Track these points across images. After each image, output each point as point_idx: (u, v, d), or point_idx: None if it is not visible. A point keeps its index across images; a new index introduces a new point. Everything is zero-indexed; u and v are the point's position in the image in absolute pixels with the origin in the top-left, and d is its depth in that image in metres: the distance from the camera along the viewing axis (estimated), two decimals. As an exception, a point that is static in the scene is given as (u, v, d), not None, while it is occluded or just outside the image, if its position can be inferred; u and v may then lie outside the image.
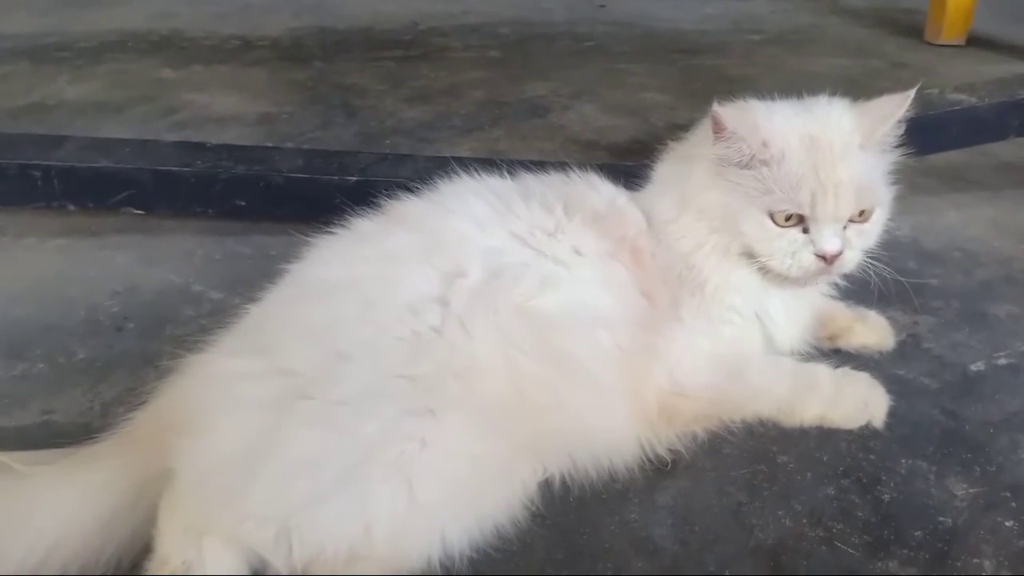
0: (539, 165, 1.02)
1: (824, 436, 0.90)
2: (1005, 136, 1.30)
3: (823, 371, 0.94)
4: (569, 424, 0.82)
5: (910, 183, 1.38)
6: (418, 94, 1.77)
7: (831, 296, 1.03)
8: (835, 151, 0.85)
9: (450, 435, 0.74)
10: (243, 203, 1.19)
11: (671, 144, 0.98)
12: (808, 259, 0.86)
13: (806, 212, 0.84)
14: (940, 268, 1.22)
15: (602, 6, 2.48)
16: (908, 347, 1.05)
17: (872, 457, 0.88)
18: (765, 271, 0.89)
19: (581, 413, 0.82)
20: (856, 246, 0.88)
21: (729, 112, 0.85)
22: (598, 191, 0.97)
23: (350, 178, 1.16)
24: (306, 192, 1.17)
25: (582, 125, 1.62)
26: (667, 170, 0.96)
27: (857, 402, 0.92)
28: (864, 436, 0.90)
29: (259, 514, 0.70)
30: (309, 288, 0.84)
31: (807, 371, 0.94)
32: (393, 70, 1.91)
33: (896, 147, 0.91)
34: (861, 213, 0.87)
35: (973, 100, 1.28)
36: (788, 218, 0.85)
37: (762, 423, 0.91)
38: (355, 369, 0.75)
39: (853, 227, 0.88)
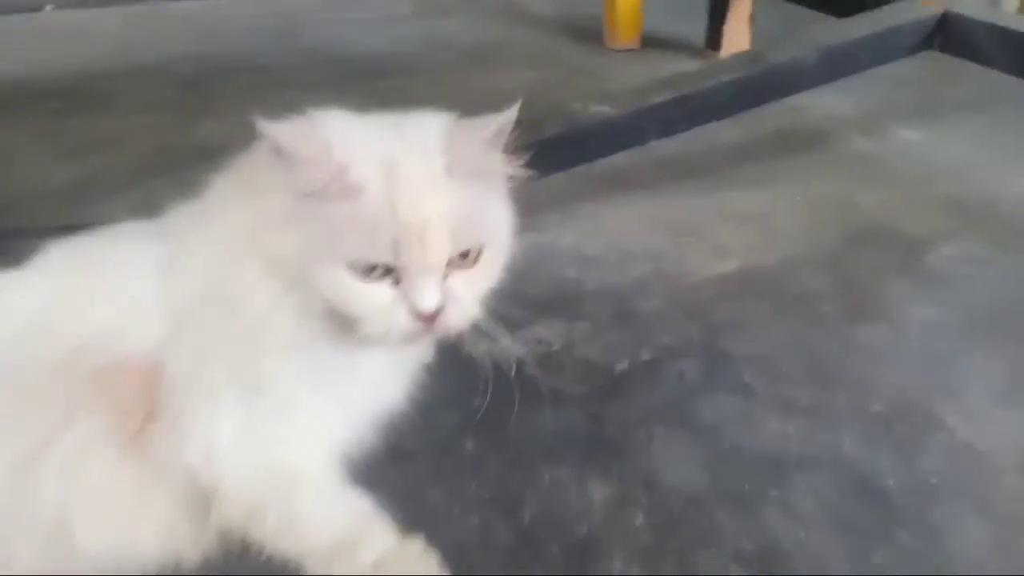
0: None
1: (475, 463, 0.90)
2: (645, 140, 1.40)
3: (378, 543, 0.74)
4: None
5: (575, 191, 1.48)
6: (74, 149, 1.62)
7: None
8: (418, 180, 0.68)
9: None
10: None
11: (225, 164, 0.76)
12: (404, 321, 0.69)
13: (390, 260, 0.67)
14: (598, 271, 1.28)
15: (290, 35, 2.42)
16: (562, 356, 1.08)
17: (518, 476, 0.89)
18: (361, 337, 0.70)
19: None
20: (463, 298, 0.71)
21: (288, 129, 0.66)
22: None
23: None
24: None
25: (259, 165, 1.55)
26: (219, 211, 0.74)
27: None
28: (511, 456, 0.92)
29: None
30: None
31: (364, 531, 0.75)
32: (48, 124, 1.74)
33: (513, 171, 0.75)
34: (465, 255, 0.71)
35: (613, 111, 1.36)
36: (373, 269, 0.68)
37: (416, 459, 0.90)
38: None
39: (458, 275, 0.71)
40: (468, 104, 0.80)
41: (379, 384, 0.81)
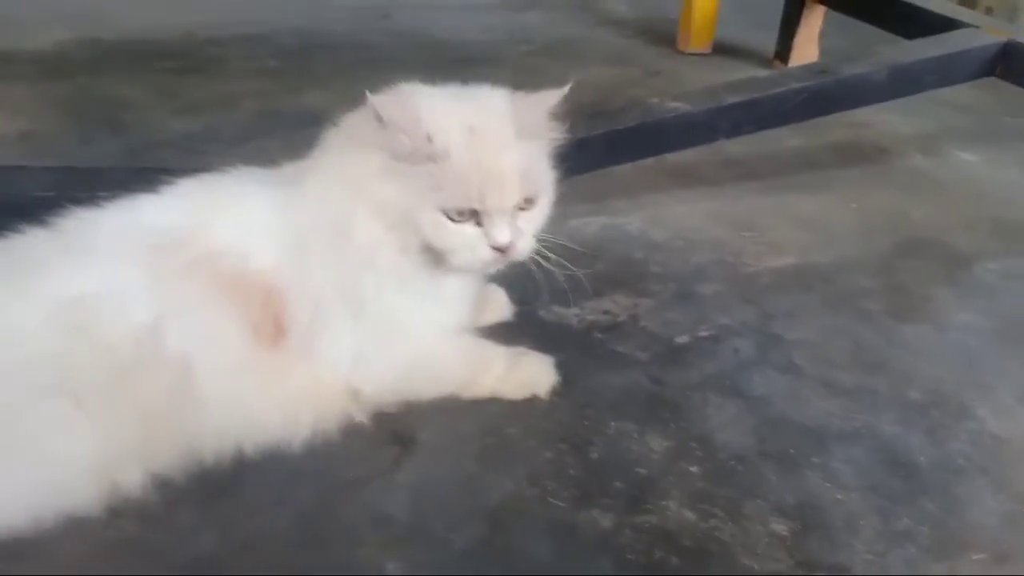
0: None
1: (548, 408, 1.02)
2: (716, 138, 1.50)
3: (500, 354, 1.03)
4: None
5: (646, 182, 1.59)
6: (190, 106, 1.77)
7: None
8: (495, 142, 0.86)
9: None
10: None
11: (331, 128, 0.94)
12: (486, 252, 0.89)
13: (476, 206, 0.86)
14: (663, 256, 1.39)
15: (385, 16, 2.56)
16: (627, 326, 1.20)
17: (587, 423, 1.01)
18: (448, 266, 0.91)
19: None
20: (527, 233, 0.91)
21: (387, 101, 0.84)
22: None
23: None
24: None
25: (356, 134, 1.68)
26: (332, 160, 0.92)
27: (524, 380, 1.03)
28: (581, 405, 1.03)
29: None
30: None
31: (485, 353, 1.03)
32: (165, 82, 1.90)
33: (559, 135, 0.94)
34: (528, 200, 0.90)
35: (687, 107, 1.47)
36: (461, 213, 0.87)
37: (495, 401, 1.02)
38: None
39: (522, 215, 0.90)
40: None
41: (456, 304, 1.00)
